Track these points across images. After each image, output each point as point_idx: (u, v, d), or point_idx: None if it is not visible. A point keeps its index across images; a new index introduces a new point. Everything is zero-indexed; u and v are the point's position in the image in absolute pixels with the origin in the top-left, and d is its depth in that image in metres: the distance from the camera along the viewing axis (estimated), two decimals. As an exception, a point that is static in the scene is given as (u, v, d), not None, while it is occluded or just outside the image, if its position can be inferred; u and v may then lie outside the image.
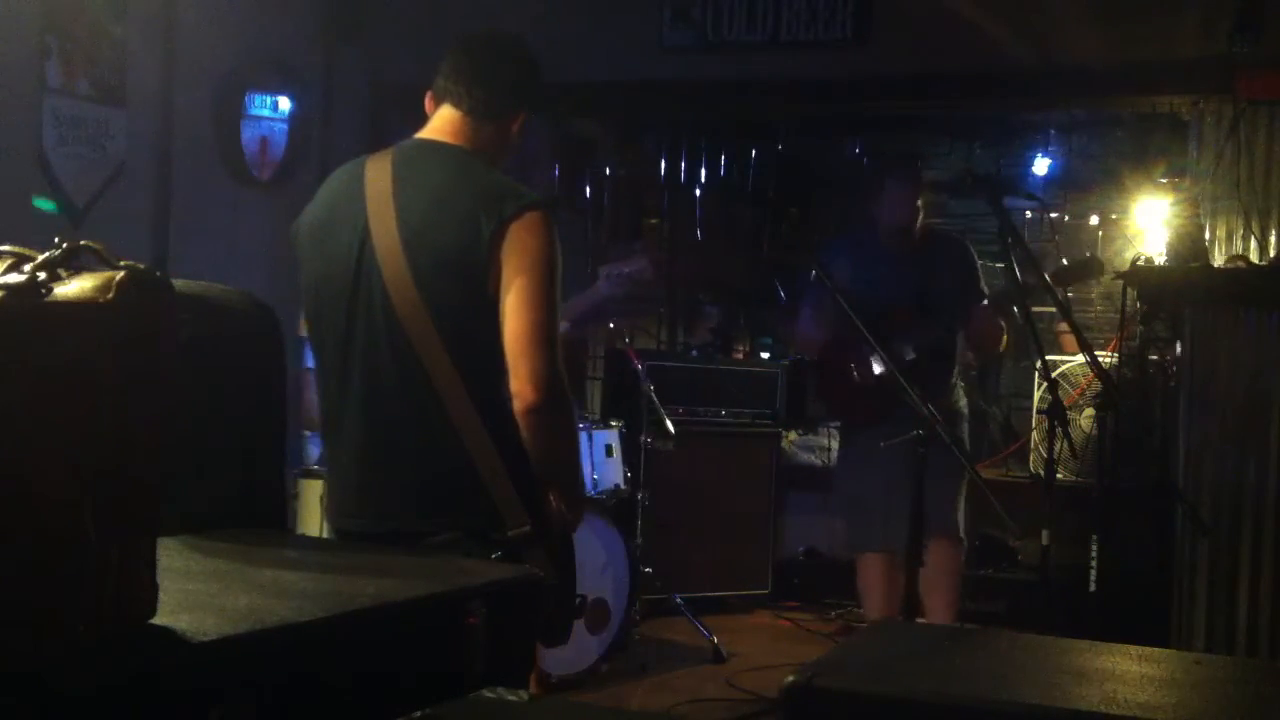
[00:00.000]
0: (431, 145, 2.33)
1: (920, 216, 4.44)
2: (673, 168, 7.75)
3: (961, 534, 4.48)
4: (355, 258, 2.23)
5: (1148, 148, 6.41)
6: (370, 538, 2.24)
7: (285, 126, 5.36)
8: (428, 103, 2.39)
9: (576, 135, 6.87)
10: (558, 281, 2.19)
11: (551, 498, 2.23)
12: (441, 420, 2.15)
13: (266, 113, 5.29)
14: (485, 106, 2.33)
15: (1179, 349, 4.35)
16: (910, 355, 4.11)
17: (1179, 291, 4.31)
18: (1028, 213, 7.57)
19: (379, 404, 2.24)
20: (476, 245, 2.15)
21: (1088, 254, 4.64)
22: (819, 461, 6.73)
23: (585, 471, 4.54)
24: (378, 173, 2.27)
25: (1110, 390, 4.01)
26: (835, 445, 6.88)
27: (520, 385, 2.13)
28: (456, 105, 2.33)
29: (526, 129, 2.41)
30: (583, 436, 4.52)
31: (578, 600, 2.32)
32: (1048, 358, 4.63)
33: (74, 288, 1.02)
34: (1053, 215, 7.60)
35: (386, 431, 2.24)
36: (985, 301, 4.36)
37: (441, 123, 2.34)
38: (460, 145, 2.31)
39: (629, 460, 5.02)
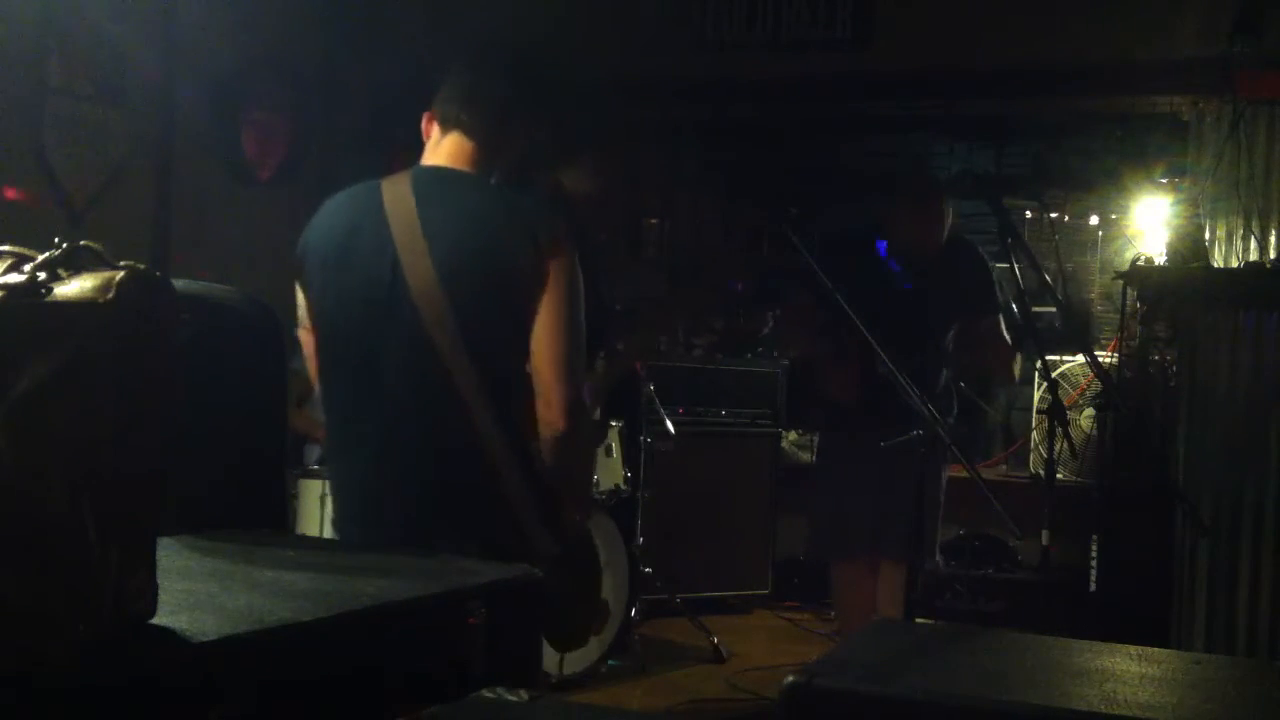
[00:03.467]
0: (448, 174, 2.33)
1: (942, 236, 4.14)
2: (673, 168, 7.75)
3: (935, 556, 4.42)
4: (385, 287, 2.22)
5: (1148, 148, 6.40)
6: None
7: (285, 126, 5.36)
8: (425, 123, 2.38)
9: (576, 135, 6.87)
10: (580, 306, 2.24)
11: (569, 512, 2.27)
12: (473, 445, 2.19)
13: (266, 113, 5.29)
14: (491, 129, 2.34)
15: (1179, 349, 4.35)
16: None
17: (1179, 291, 4.31)
18: (1028, 213, 7.57)
19: (408, 428, 2.24)
20: (515, 275, 2.19)
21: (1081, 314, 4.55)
22: (819, 461, 6.72)
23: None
24: (398, 199, 2.26)
25: (1110, 390, 4.01)
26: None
27: (549, 411, 2.19)
28: (466, 133, 2.33)
29: (532, 136, 2.41)
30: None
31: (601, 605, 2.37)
32: (1048, 357, 4.62)
33: (74, 288, 1.02)
34: (1053, 215, 7.59)
35: (416, 454, 2.24)
36: (1001, 325, 4.18)
37: (452, 148, 2.34)
38: (473, 172, 2.33)
39: (629, 460, 5.02)
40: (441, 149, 2.35)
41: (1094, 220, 7.76)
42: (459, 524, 2.21)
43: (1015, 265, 3.42)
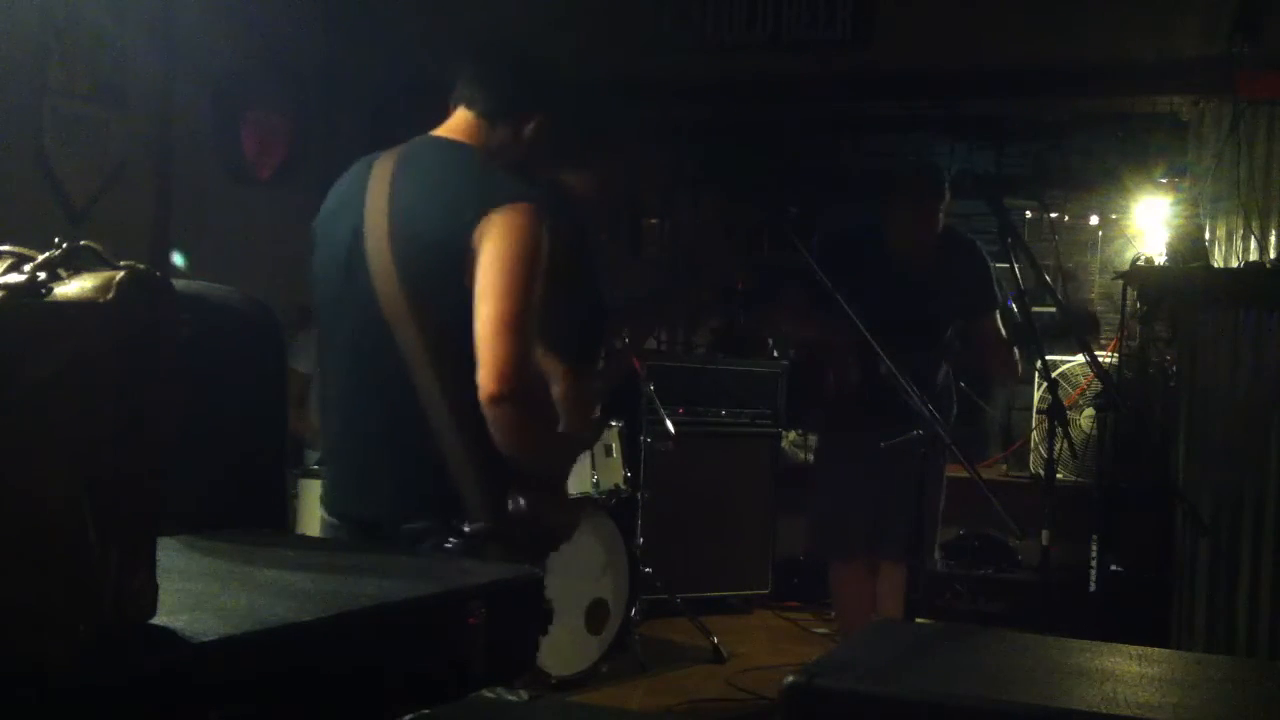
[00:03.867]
0: (437, 141, 2.36)
1: (938, 228, 4.12)
2: (673, 168, 7.75)
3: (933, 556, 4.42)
4: (348, 249, 2.26)
5: (1148, 148, 6.41)
6: (352, 521, 2.29)
7: (285, 126, 5.36)
8: (451, 106, 2.43)
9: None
10: (536, 275, 2.14)
11: (518, 495, 2.21)
12: (415, 410, 2.17)
13: (266, 113, 5.29)
14: (495, 107, 2.35)
15: (1179, 349, 4.35)
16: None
17: (1179, 291, 4.31)
18: (1028, 213, 7.57)
19: (361, 393, 2.28)
20: (457, 234, 2.14)
21: (1089, 310, 4.50)
22: (819, 461, 6.71)
23: (585, 471, 4.53)
24: (382, 168, 2.31)
25: (1110, 390, 4.01)
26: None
27: (482, 375, 2.08)
28: (469, 106, 2.37)
29: (544, 132, 2.41)
30: (582, 436, 4.51)
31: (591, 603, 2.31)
32: (1048, 357, 4.62)
33: (74, 288, 1.02)
34: (1053, 215, 7.60)
35: (366, 420, 2.27)
36: (998, 322, 4.19)
37: (455, 122, 2.38)
38: (469, 144, 2.34)
39: (629, 460, 5.02)
40: (448, 121, 2.39)
41: (1094, 220, 7.76)
42: (410, 499, 2.22)
43: (1015, 265, 3.42)
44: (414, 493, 2.22)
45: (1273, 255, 4.73)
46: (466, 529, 2.14)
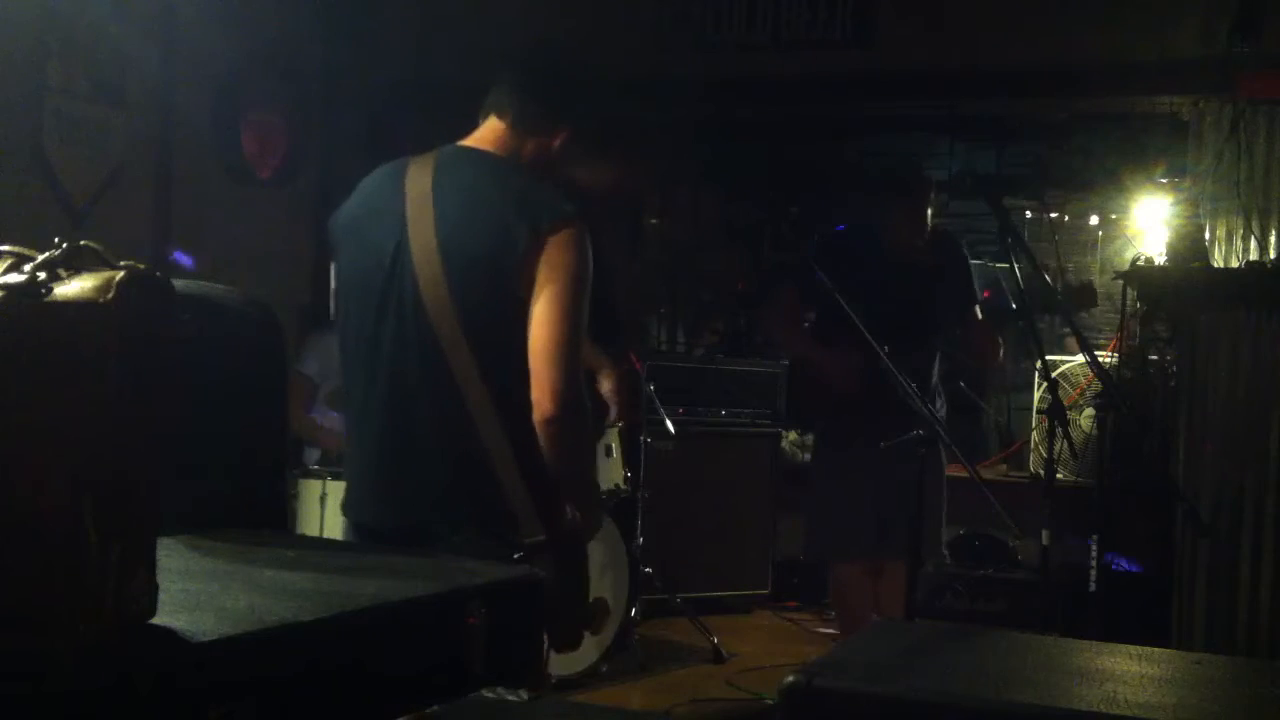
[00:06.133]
0: (471, 151, 2.36)
1: (928, 228, 4.15)
2: (673, 168, 7.75)
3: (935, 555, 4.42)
4: (390, 256, 2.25)
5: (1148, 148, 6.41)
6: (389, 532, 2.26)
7: (285, 126, 5.36)
8: (482, 114, 2.42)
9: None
10: (587, 295, 2.22)
11: (568, 506, 2.25)
12: (464, 422, 2.18)
13: (266, 113, 5.29)
14: (528, 120, 2.36)
15: (1179, 349, 4.35)
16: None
17: (1179, 291, 4.32)
18: (1028, 213, 7.57)
19: (405, 402, 2.26)
20: (510, 253, 2.18)
21: (1085, 281, 4.48)
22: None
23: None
24: (419, 174, 2.30)
25: (1110, 390, 4.01)
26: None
27: (540, 395, 2.16)
28: (500, 116, 2.37)
29: (572, 144, 2.41)
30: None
31: (592, 602, 2.33)
32: (1048, 358, 4.62)
33: (74, 288, 1.02)
34: (1053, 215, 7.60)
35: (410, 429, 2.26)
36: (978, 312, 4.22)
37: (485, 131, 2.38)
38: (500, 154, 2.34)
39: (629, 460, 5.02)
40: (478, 131, 2.40)
41: (1094, 220, 7.76)
42: (457, 510, 2.22)
43: (1015, 265, 3.42)
44: (466, 503, 2.22)
45: (1273, 255, 4.73)
46: (528, 541, 2.15)
